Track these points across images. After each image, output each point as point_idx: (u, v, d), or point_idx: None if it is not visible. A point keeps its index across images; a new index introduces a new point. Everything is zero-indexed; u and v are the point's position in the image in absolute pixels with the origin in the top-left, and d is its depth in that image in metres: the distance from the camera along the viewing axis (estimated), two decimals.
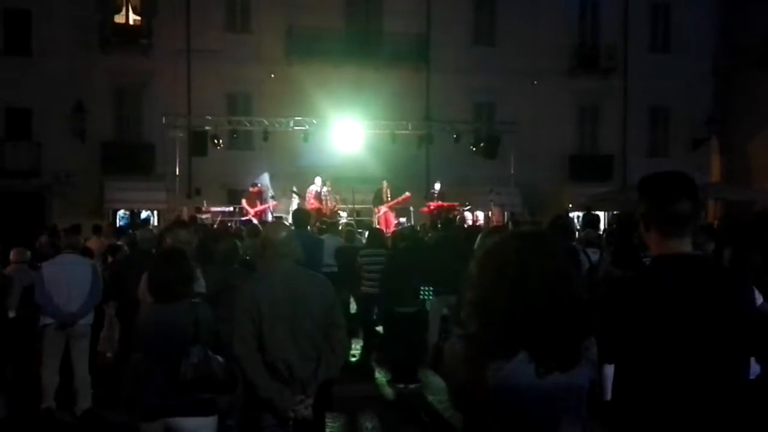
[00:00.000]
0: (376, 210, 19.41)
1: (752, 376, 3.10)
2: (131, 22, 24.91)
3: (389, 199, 19.35)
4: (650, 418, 2.53)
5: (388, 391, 8.73)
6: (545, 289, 2.20)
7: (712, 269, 2.81)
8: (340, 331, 4.52)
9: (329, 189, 19.33)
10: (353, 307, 11.20)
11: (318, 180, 19.42)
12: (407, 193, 19.48)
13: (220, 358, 4.19)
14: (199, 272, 5.37)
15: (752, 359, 3.04)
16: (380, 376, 9.25)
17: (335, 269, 11.14)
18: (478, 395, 2.21)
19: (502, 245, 2.34)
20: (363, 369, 9.66)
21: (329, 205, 19.03)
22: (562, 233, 7.56)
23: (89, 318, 7.75)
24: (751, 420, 2.66)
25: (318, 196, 19.07)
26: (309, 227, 11.86)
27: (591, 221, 11.65)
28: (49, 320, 7.63)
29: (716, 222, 8.92)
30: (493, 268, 2.27)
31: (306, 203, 18.35)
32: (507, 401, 2.20)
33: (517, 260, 2.25)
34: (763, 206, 19.51)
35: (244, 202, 19.26)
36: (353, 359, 10.12)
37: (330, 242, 11.53)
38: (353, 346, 10.58)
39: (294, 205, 18.32)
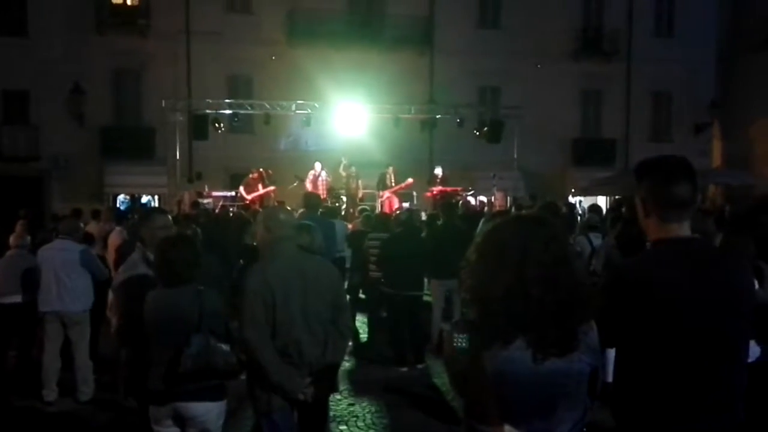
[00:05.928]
0: (380, 195, 19.38)
1: (752, 359, 3.09)
2: (129, 2, 24.65)
3: (393, 184, 19.32)
4: (652, 400, 2.54)
5: (392, 374, 8.72)
6: (545, 276, 2.18)
7: (712, 252, 2.80)
8: (345, 315, 4.53)
9: (351, 172, 19.22)
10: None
11: (317, 165, 19.37)
12: (410, 180, 19.42)
13: (223, 347, 4.17)
14: None
15: (752, 342, 3.03)
16: (384, 359, 9.24)
17: (344, 254, 11.16)
18: (477, 381, 2.21)
19: (501, 231, 2.32)
20: (367, 352, 9.67)
21: (326, 190, 18.99)
22: None
23: (84, 304, 7.70)
24: (750, 403, 2.66)
25: (314, 181, 19.00)
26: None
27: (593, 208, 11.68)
28: (47, 306, 7.64)
29: (726, 208, 8.88)
30: (492, 254, 2.26)
31: (303, 188, 18.20)
32: (505, 387, 2.21)
33: (516, 246, 2.22)
34: (764, 191, 19.43)
35: (241, 188, 19.07)
36: (358, 342, 10.16)
37: (338, 227, 11.51)
38: (360, 329, 10.63)
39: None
